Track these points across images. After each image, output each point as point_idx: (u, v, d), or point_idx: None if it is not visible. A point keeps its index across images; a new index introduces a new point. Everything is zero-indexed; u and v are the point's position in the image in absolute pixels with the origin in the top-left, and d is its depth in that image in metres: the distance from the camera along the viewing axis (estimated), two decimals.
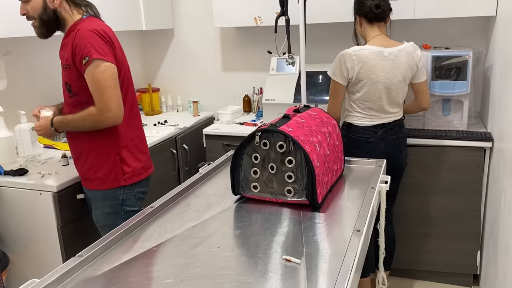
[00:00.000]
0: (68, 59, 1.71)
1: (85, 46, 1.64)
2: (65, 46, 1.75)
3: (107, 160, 1.82)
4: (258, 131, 1.40)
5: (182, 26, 3.47)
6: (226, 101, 3.46)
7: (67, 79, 1.75)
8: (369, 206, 1.37)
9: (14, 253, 2.15)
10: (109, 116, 1.69)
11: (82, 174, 1.89)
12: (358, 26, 2.18)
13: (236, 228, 1.30)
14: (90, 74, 1.65)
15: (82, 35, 1.65)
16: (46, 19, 1.71)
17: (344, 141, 2.15)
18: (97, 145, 1.81)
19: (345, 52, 2.06)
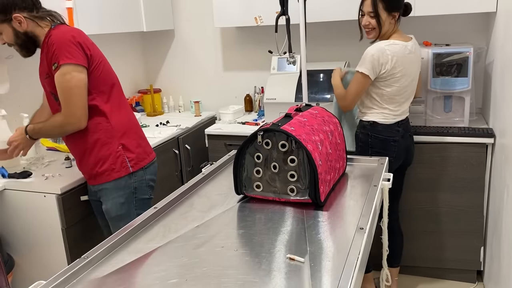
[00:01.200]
0: (47, 69, 1.77)
1: (53, 53, 1.70)
2: (42, 59, 1.81)
3: (110, 151, 1.87)
4: (260, 130, 1.41)
5: (183, 26, 3.47)
6: (227, 100, 3.46)
7: (50, 88, 1.80)
8: (372, 204, 1.38)
9: (19, 255, 2.16)
10: (72, 122, 1.76)
11: (88, 171, 1.91)
12: (392, 20, 2.10)
13: (240, 227, 1.31)
14: (58, 81, 1.72)
15: (51, 42, 1.72)
16: (21, 42, 1.79)
17: (368, 141, 2.16)
18: (96, 140, 1.85)
19: (379, 47, 2.04)
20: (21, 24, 1.75)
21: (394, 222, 2.35)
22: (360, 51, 3.03)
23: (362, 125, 2.19)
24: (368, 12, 2.08)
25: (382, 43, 2.06)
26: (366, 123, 2.17)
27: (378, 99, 2.13)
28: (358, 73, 2.07)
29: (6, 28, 1.76)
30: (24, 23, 1.75)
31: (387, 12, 2.06)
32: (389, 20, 2.08)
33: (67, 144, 1.95)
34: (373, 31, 2.11)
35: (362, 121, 2.19)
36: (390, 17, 2.08)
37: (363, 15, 2.11)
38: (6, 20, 1.74)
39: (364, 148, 2.18)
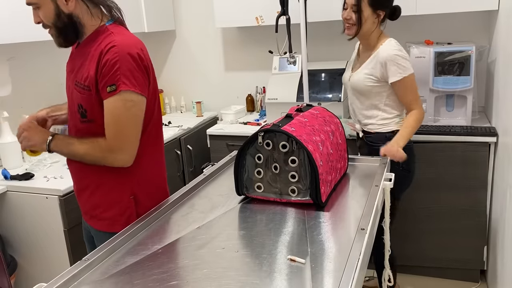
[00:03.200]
0: (89, 79, 1.38)
1: (114, 72, 1.33)
2: (84, 58, 1.42)
3: (120, 200, 1.49)
4: (261, 131, 1.40)
5: (184, 27, 3.47)
6: (229, 101, 3.46)
7: (82, 101, 1.41)
8: (373, 204, 1.37)
9: (22, 256, 2.17)
10: (119, 158, 1.40)
11: (86, 210, 1.56)
12: (375, 19, 1.98)
13: (241, 228, 1.30)
14: (112, 106, 1.36)
15: (114, 56, 1.33)
16: (61, 26, 1.40)
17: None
18: (108, 180, 1.48)
19: (394, 42, 1.98)
20: (68, 2, 1.37)
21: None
22: None
23: (385, 137, 2.01)
24: (351, 5, 1.95)
25: (391, 40, 1.98)
26: (390, 134, 2.03)
27: (395, 104, 2.03)
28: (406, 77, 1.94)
29: (48, 4, 1.37)
30: (71, 3, 1.38)
31: (372, 8, 1.94)
32: (373, 18, 1.96)
33: (71, 168, 1.55)
34: (353, 27, 1.98)
35: (382, 133, 2.05)
36: (374, 15, 1.96)
37: (346, 8, 1.99)
38: None
39: (394, 162, 1.93)
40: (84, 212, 1.58)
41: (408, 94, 1.98)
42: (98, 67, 1.35)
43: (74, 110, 1.45)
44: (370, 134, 2.11)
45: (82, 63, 1.42)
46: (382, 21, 2.00)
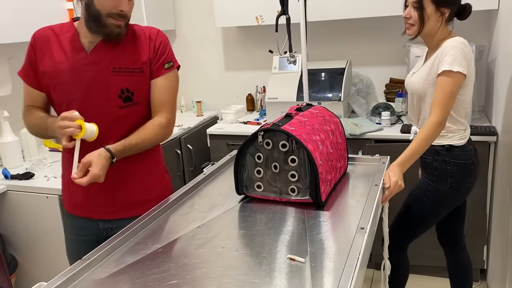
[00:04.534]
0: (140, 62, 1.50)
1: (169, 50, 1.56)
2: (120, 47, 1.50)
3: (162, 177, 1.66)
4: (261, 130, 1.41)
5: (184, 26, 3.48)
6: (229, 100, 3.47)
7: (128, 85, 1.49)
8: (372, 203, 1.37)
9: (22, 256, 2.17)
10: (172, 130, 1.59)
11: (130, 199, 1.59)
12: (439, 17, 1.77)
13: (241, 228, 1.31)
14: (170, 81, 1.54)
15: (165, 38, 1.57)
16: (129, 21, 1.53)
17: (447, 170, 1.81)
18: (147, 163, 1.60)
19: (463, 40, 1.74)
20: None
21: (461, 251, 2.08)
22: (361, 50, 3.04)
23: (435, 151, 1.84)
24: (412, 2, 1.76)
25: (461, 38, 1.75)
26: (440, 148, 1.83)
27: (452, 113, 1.79)
28: (452, 73, 1.69)
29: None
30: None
31: (435, 5, 1.74)
32: (436, 16, 1.75)
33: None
34: (413, 27, 1.79)
35: (432, 146, 1.80)
36: (437, 13, 1.75)
37: (407, 5, 1.81)
38: None
39: (442, 178, 1.84)
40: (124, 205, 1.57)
41: (439, 93, 1.71)
42: (151, 49, 1.50)
43: (109, 98, 1.48)
44: None
45: (117, 51, 1.49)
46: (449, 21, 1.80)
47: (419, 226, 1.95)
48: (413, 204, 1.93)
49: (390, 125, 2.61)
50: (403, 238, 1.99)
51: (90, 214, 1.58)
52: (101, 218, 1.58)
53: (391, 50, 2.97)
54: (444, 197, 1.86)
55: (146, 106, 1.54)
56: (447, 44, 1.73)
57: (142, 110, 1.53)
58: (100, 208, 1.57)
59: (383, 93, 3.03)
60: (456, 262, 2.09)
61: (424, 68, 1.82)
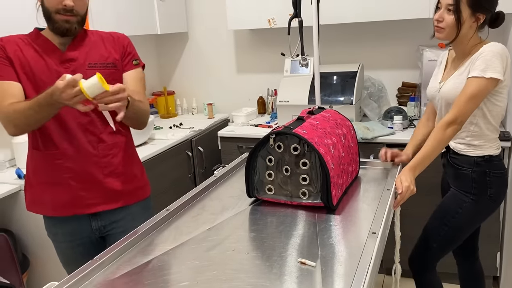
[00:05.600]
0: (112, 58, 1.62)
1: (134, 50, 1.72)
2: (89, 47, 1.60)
3: (141, 165, 1.77)
4: (272, 133, 1.40)
5: (196, 29, 3.49)
6: (240, 103, 3.47)
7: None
8: (384, 208, 1.36)
9: (34, 255, 2.19)
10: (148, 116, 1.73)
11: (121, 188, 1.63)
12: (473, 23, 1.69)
13: (251, 230, 1.30)
14: (139, 75, 1.70)
15: (127, 39, 1.71)
16: (84, 16, 1.57)
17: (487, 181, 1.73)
18: (132, 151, 1.73)
19: (502, 45, 1.66)
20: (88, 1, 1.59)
21: (475, 261, 2.03)
22: (373, 53, 3.02)
23: (474, 162, 1.74)
24: (447, 4, 1.65)
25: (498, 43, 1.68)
26: (480, 159, 1.73)
27: (492, 120, 1.71)
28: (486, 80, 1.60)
29: None
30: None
31: (471, 10, 1.64)
32: (470, 22, 1.67)
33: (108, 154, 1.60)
34: (444, 30, 1.69)
35: (469, 157, 1.75)
36: (472, 19, 1.66)
37: (439, 8, 1.70)
38: None
39: (481, 189, 1.75)
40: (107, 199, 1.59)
41: (461, 94, 1.64)
42: (120, 48, 1.66)
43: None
44: (455, 154, 1.81)
45: (90, 49, 1.61)
46: (481, 28, 1.72)
47: (452, 241, 1.84)
48: (446, 218, 1.82)
49: (402, 130, 2.59)
50: (434, 255, 1.88)
51: (79, 209, 1.58)
52: (91, 212, 1.59)
53: (404, 53, 2.95)
54: (481, 209, 1.78)
55: None
56: (484, 49, 1.66)
57: None
58: (89, 201, 1.57)
59: (395, 97, 3.01)
60: (469, 272, 2.04)
61: (458, 75, 1.74)
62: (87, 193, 1.57)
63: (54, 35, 1.55)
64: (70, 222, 1.60)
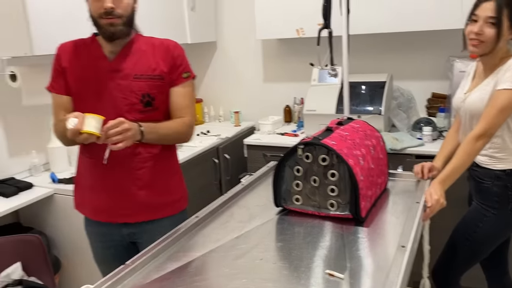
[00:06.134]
0: (159, 70, 1.57)
1: (186, 62, 1.65)
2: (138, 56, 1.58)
3: (180, 179, 1.73)
4: (301, 144, 1.41)
5: (225, 38, 3.54)
6: (267, 111, 3.49)
7: (149, 90, 1.56)
8: (413, 221, 1.35)
9: (66, 258, 2.25)
10: (193, 131, 1.67)
11: (152, 201, 1.62)
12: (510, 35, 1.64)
13: (279, 240, 1.31)
14: (188, 88, 1.64)
15: (181, 50, 1.64)
16: (129, 20, 1.55)
17: (508, 195, 1.70)
18: (170, 166, 1.68)
19: None
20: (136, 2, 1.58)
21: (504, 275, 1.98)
22: (403, 63, 2.99)
23: (495, 176, 1.72)
24: (486, 17, 1.60)
25: None
26: (501, 172, 1.71)
27: None
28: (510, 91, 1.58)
29: None
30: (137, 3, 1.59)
31: (510, 22, 1.60)
32: (508, 34, 1.62)
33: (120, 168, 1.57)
34: (483, 44, 1.63)
35: (491, 170, 1.73)
36: (509, 31, 1.62)
37: (475, 20, 1.64)
38: None
39: (503, 203, 1.72)
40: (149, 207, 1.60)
41: (489, 106, 1.61)
42: (170, 59, 1.59)
43: (131, 103, 1.54)
44: (477, 167, 1.78)
45: (138, 59, 1.57)
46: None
47: (474, 255, 1.82)
48: (467, 232, 1.81)
49: (432, 141, 2.55)
50: (457, 269, 1.86)
51: (113, 218, 1.62)
52: (122, 222, 1.62)
53: (433, 64, 2.92)
54: (503, 223, 1.75)
55: (164, 112, 1.62)
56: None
57: (160, 115, 1.60)
58: (125, 211, 1.60)
59: (425, 108, 2.97)
60: (498, 286, 2.00)
61: (486, 85, 1.71)
62: (120, 203, 1.60)
63: (105, 42, 1.55)
64: (103, 226, 1.65)
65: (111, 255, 1.69)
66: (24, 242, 1.94)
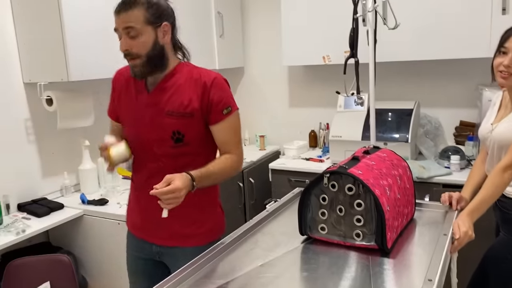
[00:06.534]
0: (190, 107, 1.54)
1: (226, 97, 1.57)
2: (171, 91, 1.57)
3: (214, 212, 1.70)
4: (327, 172, 1.42)
5: (252, 64, 3.61)
6: (292, 136, 3.51)
7: (179, 127, 1.55)
8: (441, 254, 1.33)
9: (92, 278, 2.29)
10: (242, 163, 1.66)
11: (180, 231, 1.64)
12: None
13: (304, 270, 1.31)
14: (230, 123, 1.59)
15: (219, 85, 1.57)
16: (153, 56, 1.51)
17: None
18: (204, 197, 1.64)
19: None
20: (165, 36, 1.53)
21: None
22: (430, 91, 2.98)
23: None
24: None
25: None
26: None
27: None
28: None
29: (150, 33, 1.49)
30: (168, 36, 1.54)
31: None
32: None
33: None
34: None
35: None
36: None
37: (504, 52, 1.65)
38: (154, 23, 1.49)
39: None
40: (175, 235, 1.63)
41: None
42: (206, 97, 1.54)
43: (163, 138, 1.56)
44: (503, 197, 1.77)
45: (173, 94, 1.56)
46: None
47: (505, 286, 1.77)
48: (496, 263, 1.77)
49: (460, 170, 2.51)
50: None
51: (145, 236, 1.69)
52: (152, 242, 1.67)
53: (462, 92, 2.89)
54: None
55: (197, 145, 1.59)
56: None
57: (192, 149, 1.58)
58: (154, 232, 1.65)
59: (453, 136, 2.93)
60: None
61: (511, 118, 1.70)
62: (150, 225, 1.65)
63: None
64: (138, 240, 1.71)
65: (141, 267, 1.74)
66: (54, 261, 1.99)
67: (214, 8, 3.14)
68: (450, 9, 2.52)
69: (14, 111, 2.28)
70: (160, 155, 1.58)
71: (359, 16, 2.07)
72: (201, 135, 1.58)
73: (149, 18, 1.47)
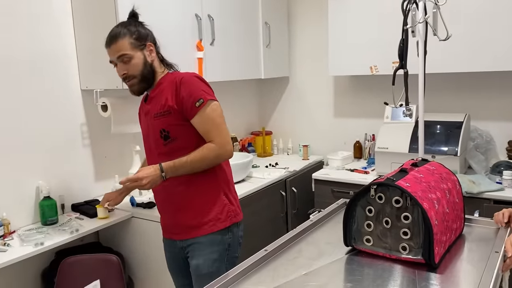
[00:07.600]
0: (166, 105, 1.73)
1: (195, 91, 1.71)
2: (157, 97, 1.79)
3: (217, 199, 1.82)
4: (374, 184, 1.41)
5: (297, 74, 3.63)
6: (336, 146, 3.49)
7: (163, 125, 1.75)
8: (492, 272, 1.28)
9: (138, 279, 2.36)
10: (228, 149, 1.75)
11: (188, 223, 1.82)
12: None
13: (348, 280, 1.31)
14: (205, 114, 1.72)
15: (188, 81, 1.72)
16: (146, 73, 1.77)
17: None
18: (204, 187, 1.80)
19: None
20: (151, 53, 1.79)
21: None
22: (481, 103, 2.88)
23: None
24: None
25: None
26: None
27: None
28: None
29: (139, 55, 1.76)
30: (153, 53, 1.79)
31: None
32: None
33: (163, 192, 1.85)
34: None
35: None
36: None
37: None
38: (140, 46, 1.76)
39: None
40: (186, 227, 1.83)
41: None
42: (176, 93, 1.72)
43: (157, 138, 1.79)
44: None
45: (158, 99, 1.79)
46: None
47: None
48: None
49: None
50: None
51: (166, 234, 1.94)
52: (175, 239, 1.88)
53: None
54: None
55: (185, 139, 1.76)
56: None
57: (182, 143, 1.76)
58: (169, 229, 1.90)
59: (505, 150, 2.82)
60: None
61: None
62: (167, 223, 1.90)
63: None
64: (166, 239, 1.97)
65: (175, 265, 1.96)
66: (104, 261, 2.07)
67: (261, 18, 3.19)
68: (503, 20, 2.45)
69: (72, 116, 2.41)
70: (159, 155, 1.79)
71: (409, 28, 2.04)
72: (185, 130, 1.75)
73: (134, 43, 1.75)
